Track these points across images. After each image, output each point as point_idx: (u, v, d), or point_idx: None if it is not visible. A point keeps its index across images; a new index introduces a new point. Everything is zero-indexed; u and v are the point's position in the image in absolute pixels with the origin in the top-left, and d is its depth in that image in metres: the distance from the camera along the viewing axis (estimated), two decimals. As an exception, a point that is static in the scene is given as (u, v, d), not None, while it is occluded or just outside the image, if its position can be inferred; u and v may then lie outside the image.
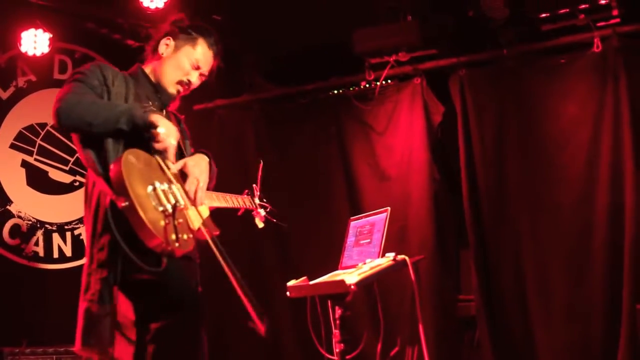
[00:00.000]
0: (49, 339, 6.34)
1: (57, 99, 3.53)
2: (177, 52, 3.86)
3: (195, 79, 3.88)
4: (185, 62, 3.84)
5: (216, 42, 3.94)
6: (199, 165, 3.71)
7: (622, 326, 5.64)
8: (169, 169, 3.52)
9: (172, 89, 3.85)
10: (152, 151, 3.51)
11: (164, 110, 3.87)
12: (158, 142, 3.49)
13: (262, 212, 4.50)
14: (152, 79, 3.85)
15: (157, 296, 3.51)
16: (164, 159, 3.52)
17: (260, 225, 4.55)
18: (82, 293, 3.55)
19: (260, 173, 4.62)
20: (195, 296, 3.64)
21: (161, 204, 3.33)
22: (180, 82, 3.85)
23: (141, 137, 3.49)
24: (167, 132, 3.50)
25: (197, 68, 3.87)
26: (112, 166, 3.35)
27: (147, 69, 3.89)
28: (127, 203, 3.23)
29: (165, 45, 3.87)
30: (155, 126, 3.47)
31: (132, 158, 3.37)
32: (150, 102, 3.79)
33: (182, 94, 3.92)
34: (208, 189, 3.81)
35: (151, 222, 3.23)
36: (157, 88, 3.83)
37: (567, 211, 6.01)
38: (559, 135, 6.10)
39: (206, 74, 3.94)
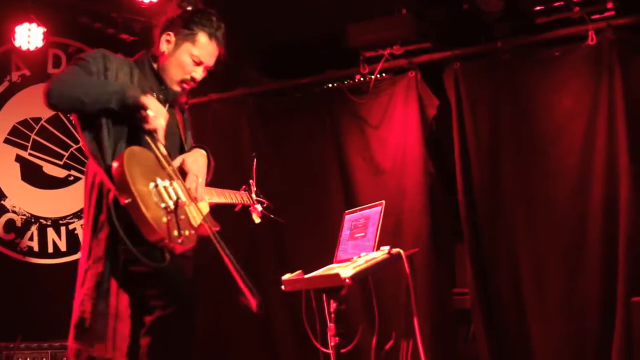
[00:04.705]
0: (44, 334, 6.34)
1: (50, 79, 3.51)
2: (178, 50, 3.76)
3: (199, 75, 3.81)
4: (187, 60, 3.76)
5: (217, 30, 3.81)
6: (197, 162, 3.71)
7: (617, 319, 5.64)
8: (169, 165, 3.52)
9: (176, 87, 3.79)
10: (141, 132, 3.51)
11: (168, 103, 3.81)
12: (147, 123, 3.49)
13: (259, 207, 4.52)
14: (157, 74, 3.80)
15: (153, 288, 3.51)
16: (154, 139, 3.51)
17: (257, 220, 4.57)
18: (78, 287, 3.55)
19: (255, 168, 4.62)
20: (190, 289, 3.65)
21: (163, 201, 3.35)
22: (183, 81, 3.79)
23: (137, 128, 3.49)
24: (156, 114, 3.49)
25: (200, 64, 3.79)
26: (114, 163, 3.35)
27: (153, 61, 3.83)
28: (129, 200, 3.25)
29: (166, 42, 3.79)
30: (145, 108, 3.46)
31: (134, 155, 3.39)
32: (154, 94, 3.73)
33: (189, 88, 3.87)
34: (205, 183, 3.81)
35: (154, 219, 3.25)
36: (164, 87, 3.78)
37: (561, 204, 6.01)
38: (553, 128, 6.10)
39: (211, 65, 3.85)
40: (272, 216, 4.61)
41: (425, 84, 6.56)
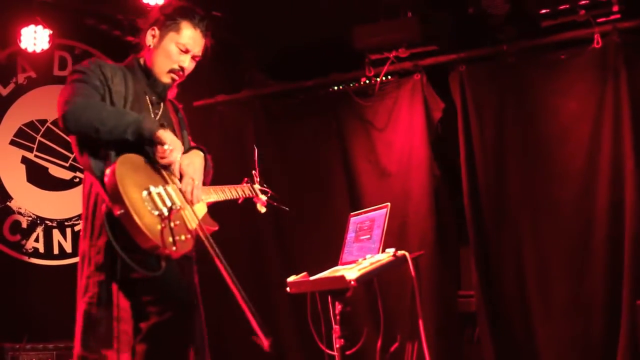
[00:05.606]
0: (49, 335, 6.34)
1: (64, 101, 3.50)
2: (163, 41, 3.79)
3: (187, 64, 3.82)
4: (173, 49, 3.78)
5: (201, 20, 3.84)
6: (193, 164, 3.70)
7: (622, 322, 5.64)
8: (163, 169, 3.52)
9: (165, 78, 3.81)
10: (156, 165, 3.52)
11: (162, 103, 3.85)
12: (163, 157, 3.49)
13: (264, 197, 4.50)
14: (147, 71, 3.82)
15: (148, 294, 3.51)
16: (169, 173, 3.52)
17: (263, 210, 4.54)
18: (80, 295, 3.55)
19: (256, 159, 4.61)
20: (188, 295, 3.64)
21: (157, 208, 3.34)
22: (172, 71, 3.80)
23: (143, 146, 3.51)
24: (172, 148, 3.50)
25: (187, 52, 3.80)
26: (106, 173, 3.35)
27: (142, 61, 3.86)
28: (122, 211, 3.24)
29: (152, 36, 3.82)
30: (161, 142, 3.46)
31: (125, 164, 3.38)
32: (147, 97, 3.77)
33: (179, 81, 3.88)
34: (204, 184, 3.81)
35: (147, 227, 3.24)
36: (152, 80, 3.81)
37: (567, 207, 6.01)
38: (559, 131, 6.10)
39: (199, 54, 3.86)
40: (276, 204, 4.59)
41: (431, 87, 6.56)
